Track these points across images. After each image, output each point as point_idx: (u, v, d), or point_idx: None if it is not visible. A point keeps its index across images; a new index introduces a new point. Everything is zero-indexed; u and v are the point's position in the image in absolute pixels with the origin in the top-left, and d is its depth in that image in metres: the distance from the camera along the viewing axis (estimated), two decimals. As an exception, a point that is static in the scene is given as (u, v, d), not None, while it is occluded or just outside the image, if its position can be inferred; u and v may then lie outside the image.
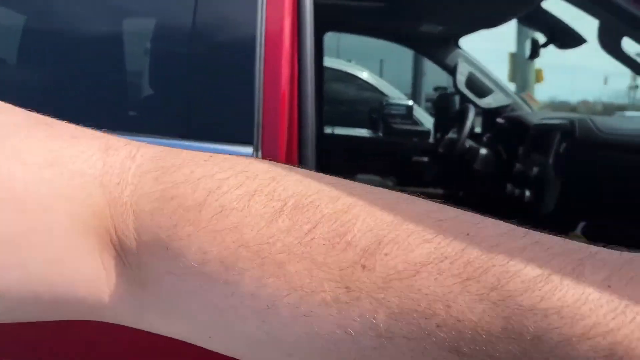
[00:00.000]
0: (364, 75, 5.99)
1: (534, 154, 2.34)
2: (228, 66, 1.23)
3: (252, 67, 1.20)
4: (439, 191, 3.22)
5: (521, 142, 2.56)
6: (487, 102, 2.98)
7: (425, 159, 3.27)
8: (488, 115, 3.16)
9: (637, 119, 2.82)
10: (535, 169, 2.18)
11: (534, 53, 2.14)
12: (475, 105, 2.98)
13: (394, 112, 5.28)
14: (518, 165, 2.36)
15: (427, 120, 5.44)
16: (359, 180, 0.26)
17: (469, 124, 2.55)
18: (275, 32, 1.24)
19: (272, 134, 1.20)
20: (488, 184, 2.66)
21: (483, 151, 2.69)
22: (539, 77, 10.79)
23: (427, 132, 5.05)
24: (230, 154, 0.26)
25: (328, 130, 3.47)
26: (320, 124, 3.32)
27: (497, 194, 2.50)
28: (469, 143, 2.67)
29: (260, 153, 1.18)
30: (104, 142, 0.25)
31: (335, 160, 3.38)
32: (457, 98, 3.73)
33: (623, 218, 1.70)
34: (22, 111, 0.25)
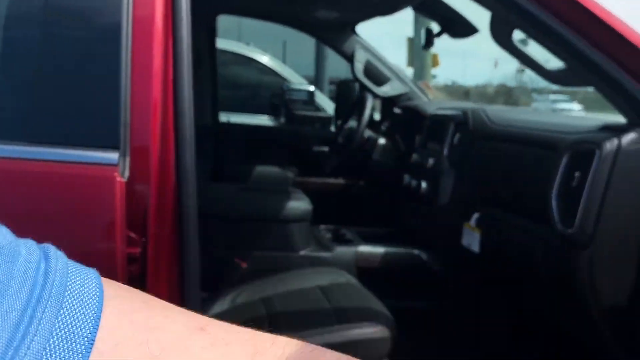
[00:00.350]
0: (264, 59, 5.83)
1: (430, 144, 2.34)
2: (87, 58, 1.06)
3: (116, 59, 1.04)
4: (340, 181, 3.18)
5: (418, 132, 2.56)
6: (385, 90, 2.96)
7: (326, 148, 3.21)
8: (386, 104, 3.14)
9: (527, 111, 2.92)
10: (431, 160, 2.17)
11: (429, 42, 2.13)
12: (373, 93, 2.95)
13: (295, 97, 5.20)
14: (415, 156, 2.35)
15: (330, 107, 5.42)
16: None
17: (367, 113, 2.50)
18: (145, 17, 1.09)
19: (142, 135, 1.05)
20: (386, 174, 2.65)
21: (381, 141, 2.67)
22: (435, 61, 11.18)
23: (329, 120, 5.02)
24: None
25: (224, 119, 3.30)
26: (215, 112, 3.15)
27: (395, 185, 2.49)
28: (367, 133, 2.63)
29: (127, 159, 1.03)
30: (251, 346, 0.30)
31: (232, 150, 3.23)
32: (357, 86, 3.71)
33: (514, 209, 1.72)
34: (181, 314, 0.30)
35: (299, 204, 2.07)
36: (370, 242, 2.23)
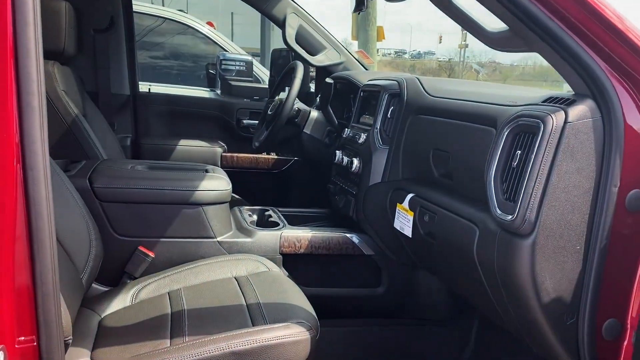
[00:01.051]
0: (203, 29, 5.45)
1: (363, 118, 2.15)
2: None
3: None
4: (271, 157, 2.95)
5: (351, 105, 2.37)
6: (319, 59, 2.74)
7: (255, 120, 2.97)
8: (321, 74, 2.92)
9: (466, 83, 2.76)
10: (363, 135, 1.98)
11: (359, 6, 1.92)
12: (307, 62, 2.72)
13: (231, 67, 4.90)
14: (347, 131, 2.16)
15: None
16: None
17: (296, 83, 2.28)
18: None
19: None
20: (318, 150, 2.44)
21: (314, 114, 2.45)
22: (380, 34, 11.00)
23: (264, 91, 4.76)
24: None
25: (144, 89, 3.00)
26: (133, 81, 2.84)
27: (327, 162, 2.30)
28: (298, 105, 2.41)
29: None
30: None
31: (155, 122, 2.95)
32: (292, 55, 3.46)
33: (449, 191, 1.56)
34: None
35: (216, 184, 1.84)
36: (297, 225, 2.04)
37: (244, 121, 3.00)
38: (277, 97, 2.68)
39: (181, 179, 1.80)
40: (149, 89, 2.95)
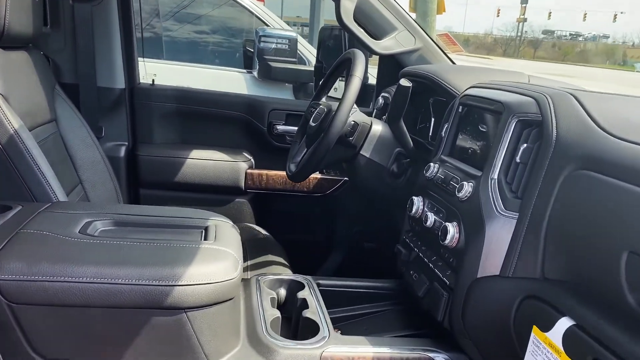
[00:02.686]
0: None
1: (462, 146, 1.34)
2: None
3: None
4: (314, 175, 2.17)
5: (430, 112, 1.57)
6: (386, 45, 1.93)
7: (294, 127, 2.20)
8: (387, 66, 2.12)
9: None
10: (467, 184, 1.18)
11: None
12: (368, 49, 1.92)
13: (272, 46, 4.11)
14: (434, 168, 1.35)
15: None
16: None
17: (355, 86, 1.49)
18: None
19: None
20: (380, 178, 1.66)
21: (377, 128, 1.66)
22: (440, 7, 9.93)
23: (310, 75, 3.95)
24: None
25: (147, 79, 2.25)
26: (130, 70, 2.10)
27: (393, 196, 1.54)
28: (355, 116, 1.62)
29: None
30: None
31: (158, 127, 2.21)
32: (344, 36, 2.64)
33: None
34: None
35: (213, 271, 1.08)
36: (346, 306, 1.30)
37: (278, 127, 2.22)
38: (323, 99, 1.89)
39: (152, 263, 1.04)
40: (153, 80, 2.19)
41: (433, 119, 1.73)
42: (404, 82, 1.50)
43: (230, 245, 1.15)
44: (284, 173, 2.17)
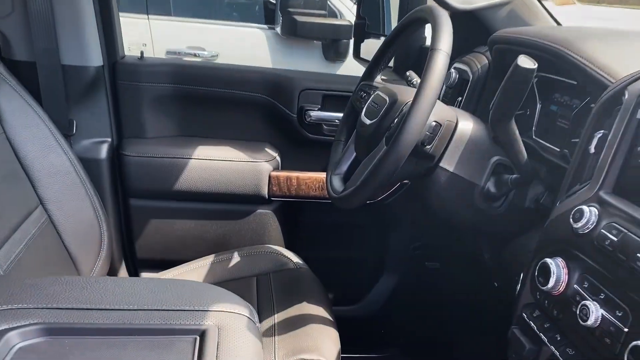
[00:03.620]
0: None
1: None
2: None
3: None
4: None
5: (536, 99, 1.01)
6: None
7: (333, 113, 1.63)
8: (474, 30, 1.52)
9: None
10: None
11: None
12: (443, 4, 1.33)
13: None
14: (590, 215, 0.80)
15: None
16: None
17: (438, 71, 0.93)
18: None
19: None
20: (474, 208, 1.12)
21: (465, 126, 1.10)
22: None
23: (345, 30, 3.31)
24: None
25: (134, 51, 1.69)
26: (111, 43, 1.55)
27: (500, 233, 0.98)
28: (438, 113, 1.06)
29: None
30: None
31: (151, 116, 1.65)
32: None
33: None
34: None
35: None
36: None
37: (312, 113, 1.64)
38: (377, 79, 1.33)
39: None
40: (142, 52, 1.62)
41: (539, 106, 1.16)
42: (525, 61, 0.91)
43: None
44: (319, 175, 1.61)
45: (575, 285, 0.79)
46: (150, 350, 0.70)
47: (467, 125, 1.12)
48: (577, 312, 0.75)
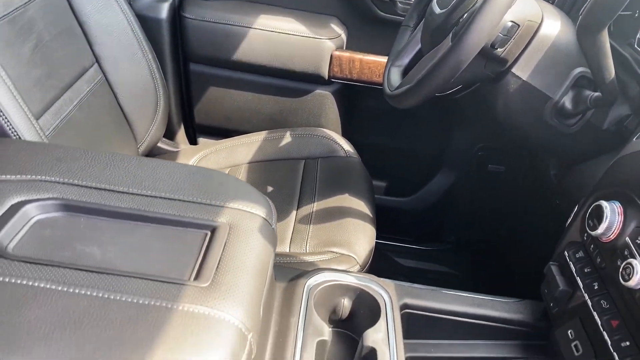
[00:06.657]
0: None
1: None
2: None
3: None
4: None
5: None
6: None
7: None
8: None
9: None
10: None
11: None
12: None
13: None
14: None
15: None
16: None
17: None
18: None
19: None
20: (550, 127, 1.00)
21: (551, 26, 0.94)
22: None
23: None
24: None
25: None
26: None
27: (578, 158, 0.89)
28: (516, 11, 0.90)
29: None
30: None
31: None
32: None
33: None
34: None
35: None
36: None
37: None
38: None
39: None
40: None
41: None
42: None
43: (238, 293, 0.61)
44: (384, 60, 1.49)
45: (627, 238, 0.69)
46: (160, 239, 0.70)
47: (552, 28, 0.96)
48: (620, 270, 0.67)
